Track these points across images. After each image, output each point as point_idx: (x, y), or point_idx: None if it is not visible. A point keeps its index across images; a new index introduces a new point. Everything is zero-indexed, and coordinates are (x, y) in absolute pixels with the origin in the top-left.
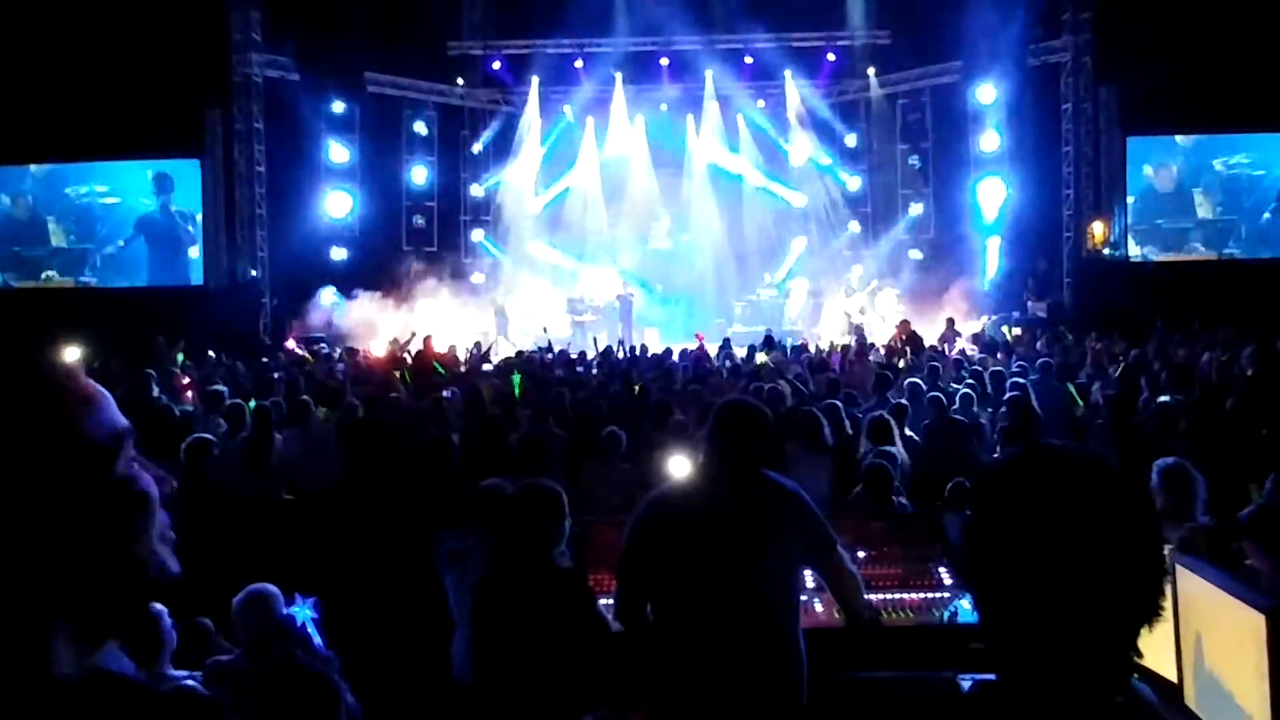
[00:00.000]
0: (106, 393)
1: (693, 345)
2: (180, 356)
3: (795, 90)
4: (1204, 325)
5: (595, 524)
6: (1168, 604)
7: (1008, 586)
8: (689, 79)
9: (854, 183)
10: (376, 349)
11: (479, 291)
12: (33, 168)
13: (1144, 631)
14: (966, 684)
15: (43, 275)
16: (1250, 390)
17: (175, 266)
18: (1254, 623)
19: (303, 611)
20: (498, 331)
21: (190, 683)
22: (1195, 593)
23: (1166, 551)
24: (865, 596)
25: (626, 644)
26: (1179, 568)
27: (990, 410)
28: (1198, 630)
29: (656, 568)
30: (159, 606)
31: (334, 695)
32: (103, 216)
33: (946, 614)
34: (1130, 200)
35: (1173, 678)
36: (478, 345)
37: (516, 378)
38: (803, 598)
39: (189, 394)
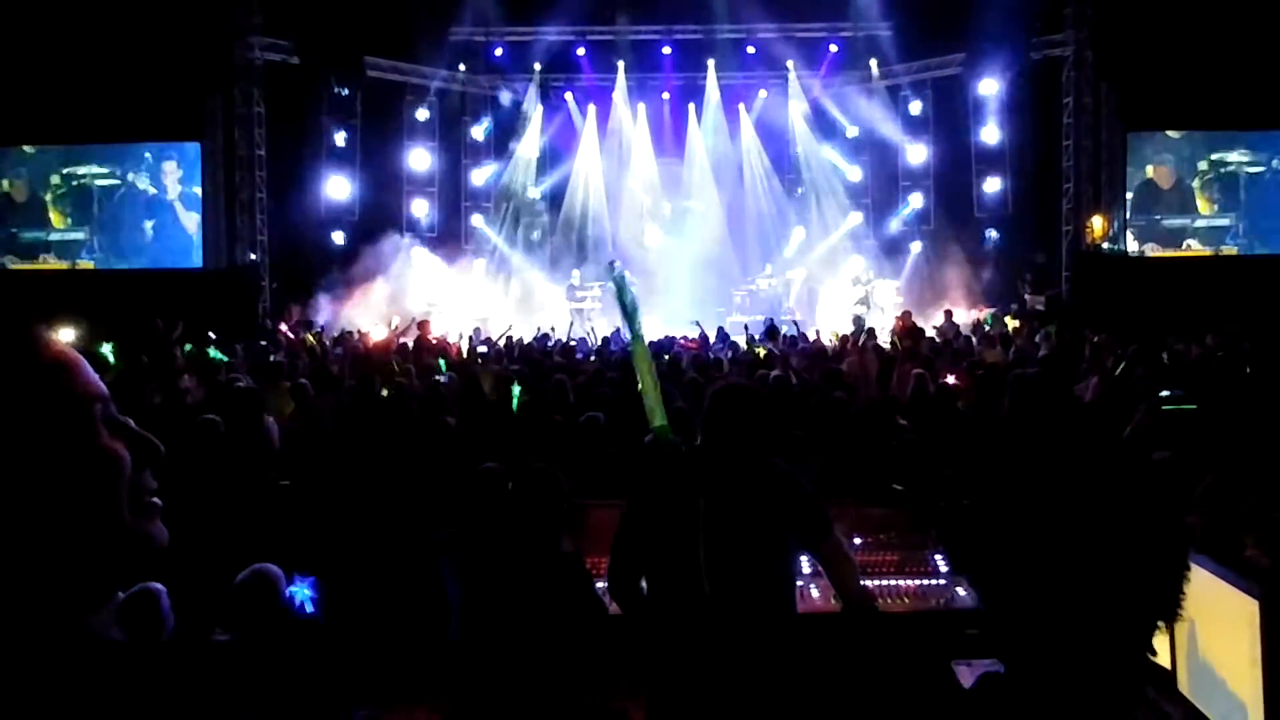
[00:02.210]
0: (79, 358)
1: (693, 334)
2: (189, 346)
3: (797, 80)
4: (1204, 321)
5: (591, 506)
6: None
7: (1019, 576)
8: (691, 68)
9: (854, 173)
10: (374, 334)
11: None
12: (32, 150)
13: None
14: (961, 670)
15: (40, 257)
16: (1247, 385)
17: (179, 249)
18: (1248, 609)
19: (301, 591)
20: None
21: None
22: (1189, 579)
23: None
24: (861, 582)
25: (624, 627)
26: None
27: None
28: (1191, 616)
29: (650, 545)
30: (158, 586)
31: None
32: (102, 200)
33: (942, 600)
34: (1129, 196)
35: (1166, 664)
36: (477, 330)
37: (517, 389)
38: (799, 583)
39: (186, 378)
